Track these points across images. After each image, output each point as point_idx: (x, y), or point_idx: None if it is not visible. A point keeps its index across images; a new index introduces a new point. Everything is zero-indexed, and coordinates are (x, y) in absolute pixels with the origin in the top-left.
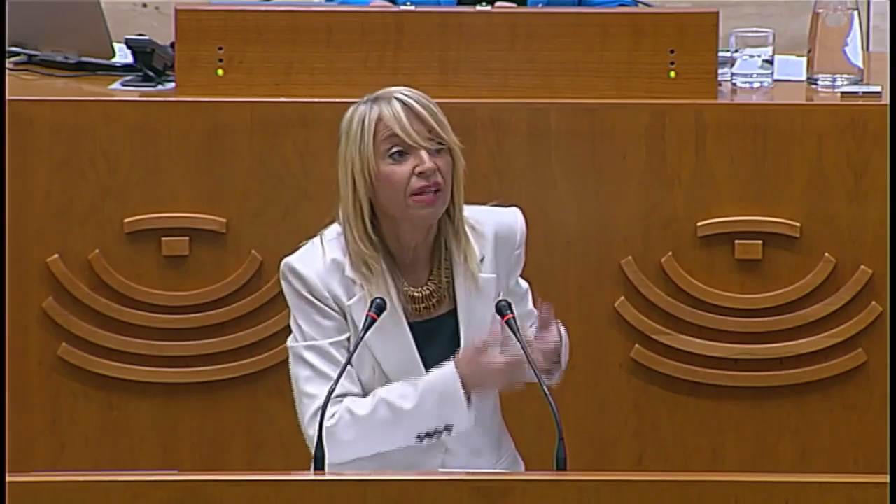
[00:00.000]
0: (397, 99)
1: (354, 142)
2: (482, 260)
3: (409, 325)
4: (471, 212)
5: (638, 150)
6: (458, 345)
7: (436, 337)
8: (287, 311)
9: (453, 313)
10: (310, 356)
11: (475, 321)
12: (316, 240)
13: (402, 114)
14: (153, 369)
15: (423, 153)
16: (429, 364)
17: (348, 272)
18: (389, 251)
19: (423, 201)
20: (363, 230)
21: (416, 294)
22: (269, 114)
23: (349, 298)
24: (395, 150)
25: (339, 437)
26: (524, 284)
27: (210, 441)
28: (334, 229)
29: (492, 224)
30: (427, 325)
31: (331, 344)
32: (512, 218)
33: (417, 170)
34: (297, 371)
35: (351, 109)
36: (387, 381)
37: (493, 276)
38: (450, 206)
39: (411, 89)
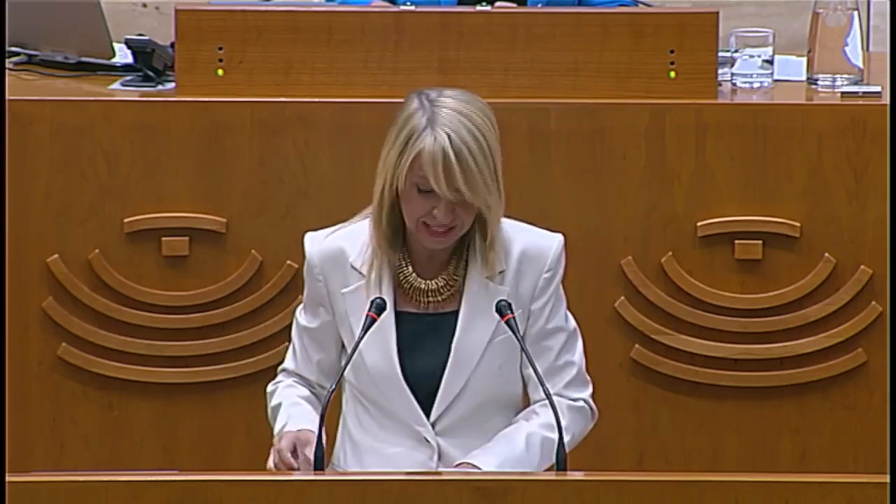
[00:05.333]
0: (441, 140)
1: (395, 152)
2: (502, 272)
3: (414, 315)
4: (507, 226)
5: (638, 150)
6: (450, 343)
7: (436, 331)
8: (287, 311)
9: (457, 313)
10: (295, 326)
11: (475, 326)
12: (336, 227)
13: (439, 161)
14: (153, 369)
15: (443, 205)
16: (427, 357)
17: (352, 260)
18: (408, 244)
19: (431, 236)
20: (388, 220)
21: (422, 286)
22: (269, 114)
23: (345, 286)
24: (422, 185)
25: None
26: (572, 323)
27: (210, 441)
28: (359, 217)
29: (521, 241)
30: (431, 318)
31: (306, 328)
32: (547, 241)
33: (434, 212)
34: (292, 330)
35: (414, 104)
36: (363, 365)
37: (506, 288)
38: (485, 217)
39: (463, 121)
